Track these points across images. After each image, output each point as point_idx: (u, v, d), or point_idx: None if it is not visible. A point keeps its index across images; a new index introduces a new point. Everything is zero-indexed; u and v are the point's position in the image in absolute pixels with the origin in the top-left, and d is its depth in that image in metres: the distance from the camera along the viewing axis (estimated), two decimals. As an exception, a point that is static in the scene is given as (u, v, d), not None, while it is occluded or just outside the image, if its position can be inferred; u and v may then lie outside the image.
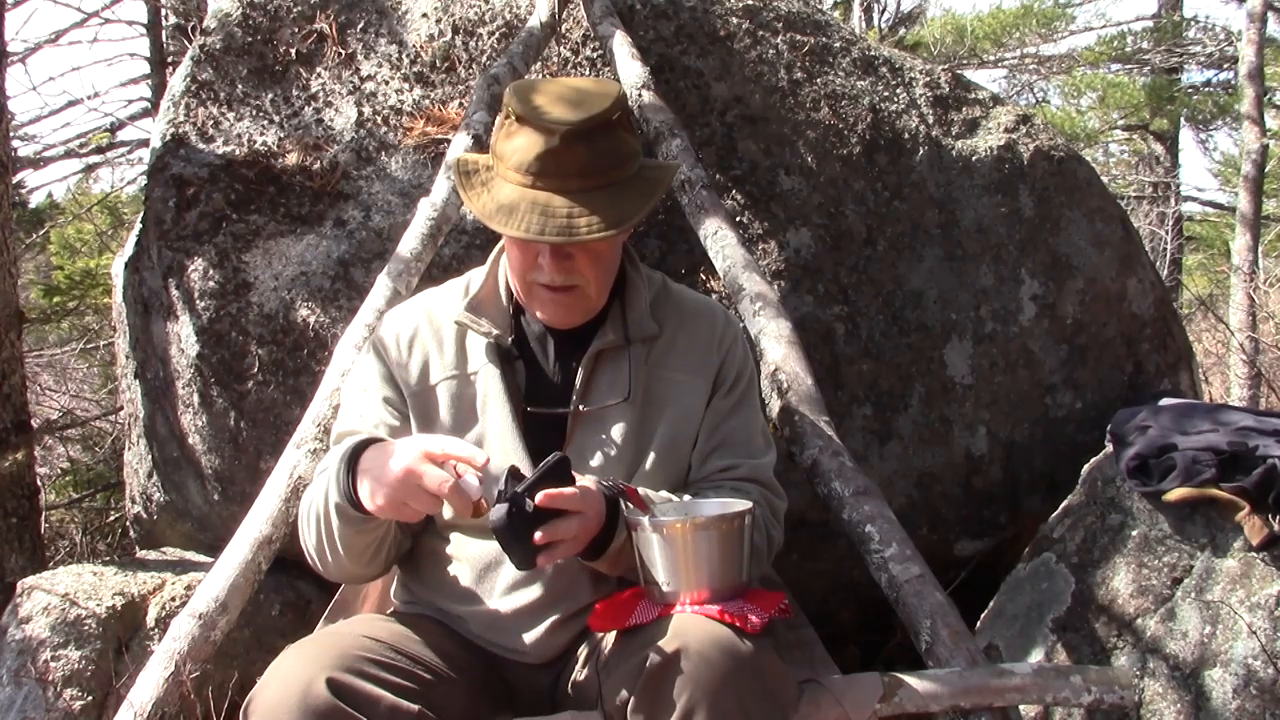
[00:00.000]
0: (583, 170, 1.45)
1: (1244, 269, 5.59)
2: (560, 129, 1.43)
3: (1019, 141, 2.94)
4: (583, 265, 1.51)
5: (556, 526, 1.33)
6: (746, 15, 2.96)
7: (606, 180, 1.46)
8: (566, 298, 1.54)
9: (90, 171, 8.28)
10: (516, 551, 1.33)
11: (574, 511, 1.34)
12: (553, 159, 1.44)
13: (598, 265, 1.52)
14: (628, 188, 1.48)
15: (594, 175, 1.45)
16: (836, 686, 1.52)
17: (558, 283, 1.51)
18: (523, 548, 1.32)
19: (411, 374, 1.59)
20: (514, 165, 1.46)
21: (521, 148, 1.45)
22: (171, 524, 2.86)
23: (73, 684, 2.27)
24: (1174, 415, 2.45)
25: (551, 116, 1.44)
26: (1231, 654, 2.12)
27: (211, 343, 2.51)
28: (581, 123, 1.43)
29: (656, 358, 1.61)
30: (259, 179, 2.62)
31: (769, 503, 1.61)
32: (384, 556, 1.56)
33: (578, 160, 1.44)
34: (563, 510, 1.33)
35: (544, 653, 1.54)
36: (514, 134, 1.47)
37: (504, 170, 1.48)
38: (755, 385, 1.72)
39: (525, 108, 1.46)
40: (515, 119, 1.47)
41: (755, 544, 1.47)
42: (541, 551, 1.33)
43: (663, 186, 1.53)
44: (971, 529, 2.79)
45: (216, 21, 2.83)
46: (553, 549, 1.34)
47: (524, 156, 1.45)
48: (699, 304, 1.70)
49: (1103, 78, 9.32)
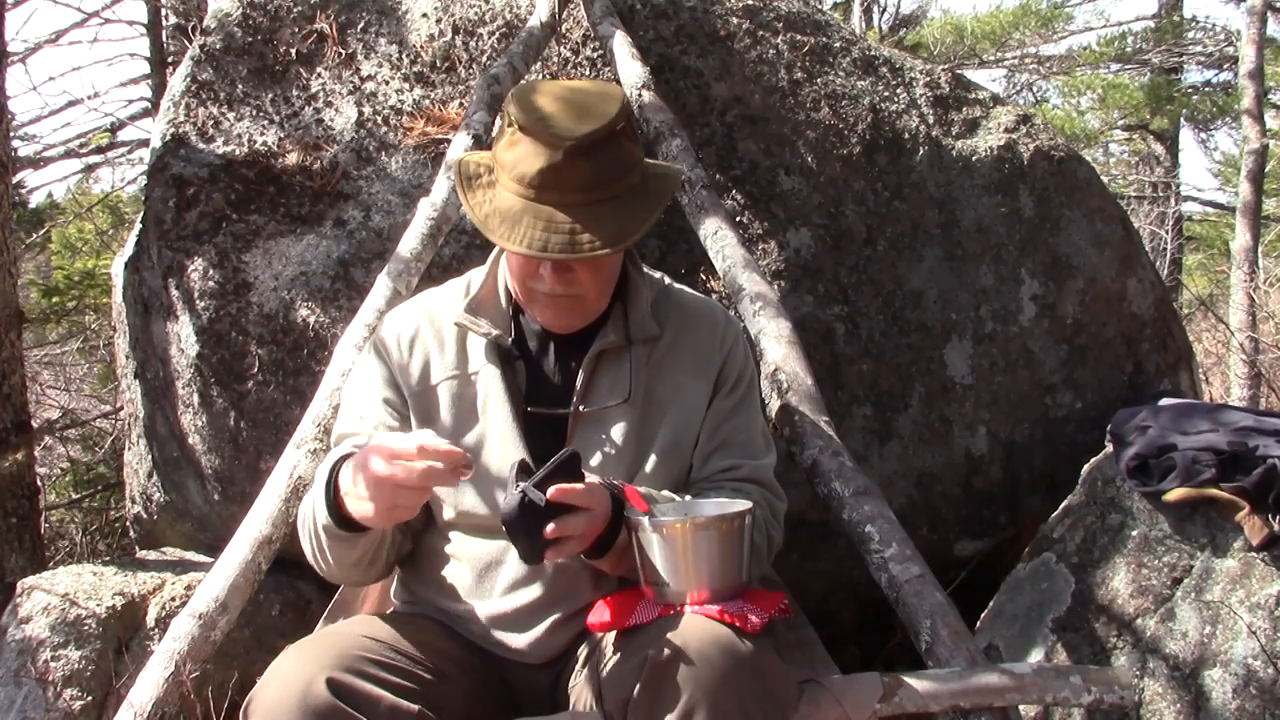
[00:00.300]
0: (585, 185, 1.43)
1: (1244, 269, 5.59)
2: (563, 144, 1.40)
3: (1019, 141, 2.94)
4: (584, 276, 1.50)
5: (567, 522, 1.32)
6: (746, 15, 2.96)
7: (609, 193, 1.45)
8: (567, 305, 1.53)
9: (90, 171, 8.28)
10: (525, 545, 1.31)
11: (583, 508, 1.34)
12: (555, 174, 1.42)
13: (599, 276, 1.52)
14: (631, 200, 1.47)
15: (596, 189, 1.43)
16: (836, 686, 1.52)
17: (559, 292, 1.50)
18: (531, 541, 1.30)
19: (412, 374, 1.59)
20: (515, 177, 1.44)
21: (523, 160, 1.43)
22: (171, 524, 2.86)
23: (73, 684, 2.27)
24: (1174, 415, 2.45)
25: (554, 130, 1.42)
26: (1231, 654, 2.12)
27: (211, 343, 2.51)
28: (584, 137, 1.41)
29: (658, 359, 1.61)
30: (259, 179, 2.62)
31: (769, 503, 1.61)
32: (383, 561, 1.56)
33: (580, 175, 1.42)
34: (572, 507, 1.33)
35: (544, 653, 1.54)
36: (516, 144, 1.45)
37: (505, 179, 1.46)
38: (756, 386, 1.71)
39: (527, 118, 1.44)
40: (518, 128, 1.45)
41: (755, 544, 1.47)
42: (550, 547, 1.32)
43: (664, 198, 1.51)
44: (971, 529, 2.79)
45: (216, 21, 2.83)
46: (561, 545, 1.33)
47: (526, 169, 1.43)
48: (700, 305, 1.69)
49: (1102, 78, 9.32)
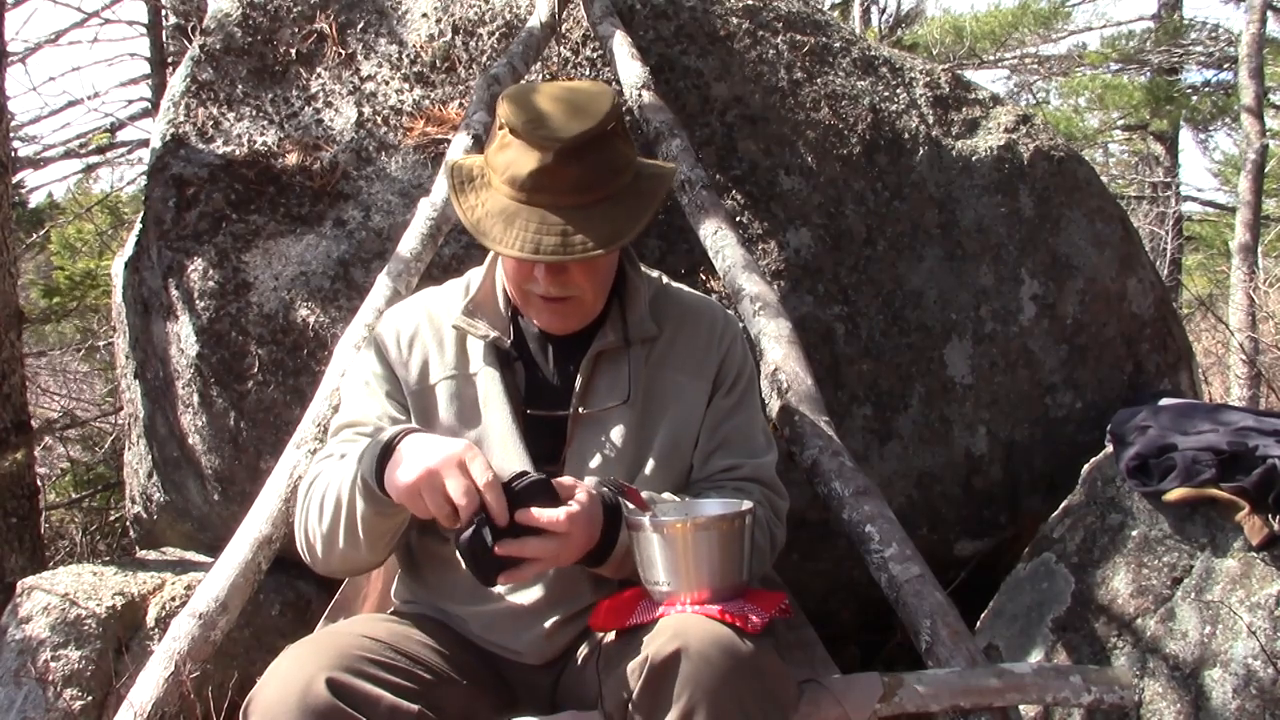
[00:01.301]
0: (576, 187, 1.42)
1: (1244, 269, 5.59)
2: (554, 146, 1.40)
3: (1019, 141, 2.94)
4: (578, 278, 1.49)
5: (524, 544, 1.31)
6: (746, 15, 2.96)
7: (602, 194, 1.44)
8: (563, 307, 1.53)
9: (90, 171, 8.27)
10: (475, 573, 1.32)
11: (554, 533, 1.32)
12: (546, 176, 1.41)
13: (594, 277, 1.51)
14: (623, 201, 1.46)
15: (588, 191, 1.43)
16: (836, 686, 1.52)
17: (553, 294, 1.50)
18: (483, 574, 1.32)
19: (411, 372, 1.59)
20: (507, 180, 1.44)
21: (514, 163, 1.43)
22: (171, 524, 2.86)
23: (73, 684, 2.27)
24: (1174, 415, 2.45)
25: (544, 132, 1.40)
26: (1231, 654, 2.12)
27: (211, 343, 2.51)
28: (575, 138, 1.40)
29: (656, 359, 1.60)
30: (259, 179, 2.62)
31: (771, 502, 1.61)
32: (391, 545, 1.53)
33: (571, 178, 1.41)
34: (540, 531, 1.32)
35: (544, 653, 1.54)
36: (507, 146, 1.45)
37: (497, 182, 1.46)
38: (755, 384, 1.71)
39: (518, 120, 1.43)
40: (509, 130, 1.44)
41: (757, 543, 1.47)
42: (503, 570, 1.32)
43: (658, 198, 1.49)
44: (971, 529, 2.79)
45: (216, 21, 2.83)
46: (517, 569, 1.33)
47: (517, 172, 1.42)
48: (698, 303, 1.69)
49: (1102, 78, 9.32)
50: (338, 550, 1.48)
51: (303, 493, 1.53)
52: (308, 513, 1.50)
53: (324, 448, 1.59)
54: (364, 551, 1.48)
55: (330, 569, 1.55)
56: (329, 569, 1.55)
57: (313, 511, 1.49)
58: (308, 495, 1.51)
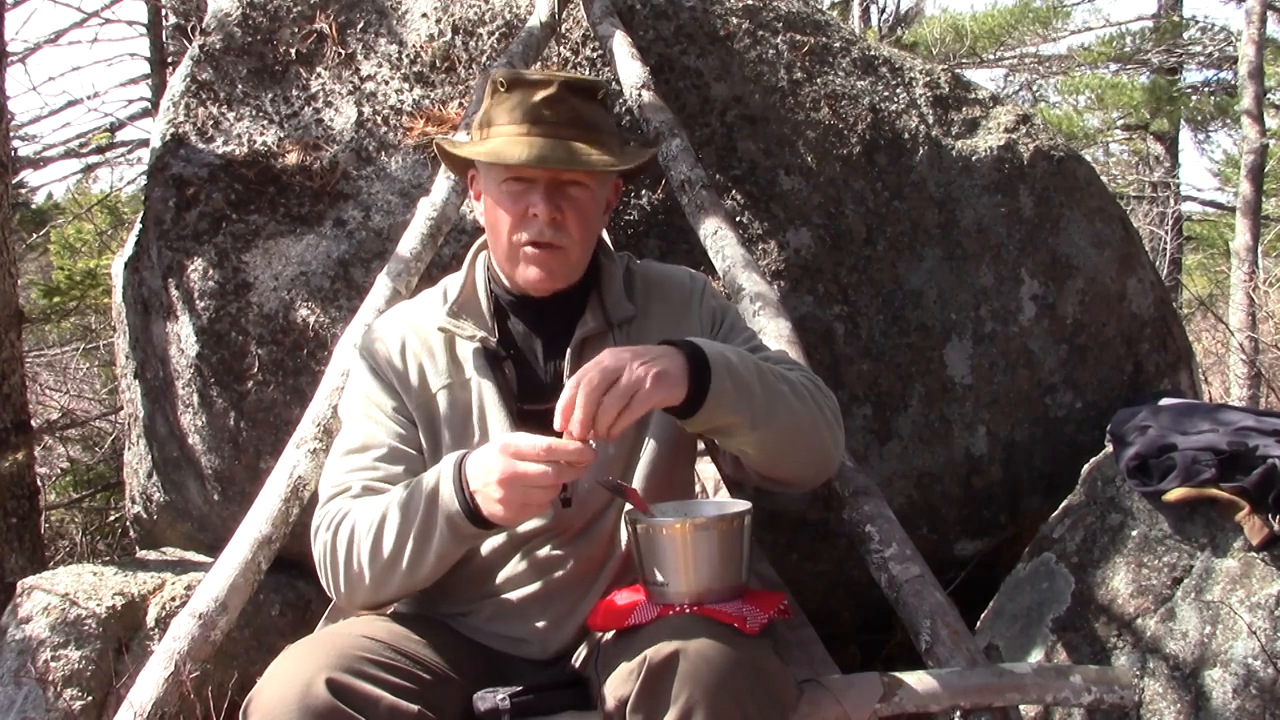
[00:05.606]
0: (578, 121, 1.51)
1: (1244, 269, 5.59)
2: (556, 79, 1.52)
3: (1019, 141, 2.94)
4: (570, 222, 1.53)
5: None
6: (746, 15, 2.96)
7: (600, 138, 1.53)
8: (550, 259, 1.54)
9: (90, 171, 8.26)
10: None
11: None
12: (551, 106, 1.50)
13: (583, 223, 1.55)
14: (617, 151, 1.56)
15: (588, 130, 1.52)
16: (836, 686, 1.52)
17: (546, 237, 1.52)
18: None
19: (411, 382, 1.59)
20: (511, 119, 1.52)
21: (519, 102, 1.52)
22: (171, 524, 2.86)
23: (73, 684, 2.27)
24: (1174, 415, 2.45)
25: (544, 75, 1.54)
26: (1231, 654, 2.12)
27: (211, 343, 2.51)
28: (575, 79, 1.53)
29: (638, 336, 1.61)
30: (259, 179, 2.62)
31: (810, 377, 1.56)
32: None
33: (574, 110, 1.51)
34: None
35: (545, 648, 1.55)
36: (505, 99, 1.54)
37: (498, 129, 1.53)
38: (741, 320, 1.74)
39: (514, 75, 1.55)
40: (505, 89, 1.54)
41: (818, 407, 1.48)
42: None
43: (649, 158, 1.63)
44: (971, 529, 2.79)
45: (216, 21, 2.83)
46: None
47: (522, 105, 1.51)
48: (665, 273, 1.72)
49: (1101, 78, 9.32)
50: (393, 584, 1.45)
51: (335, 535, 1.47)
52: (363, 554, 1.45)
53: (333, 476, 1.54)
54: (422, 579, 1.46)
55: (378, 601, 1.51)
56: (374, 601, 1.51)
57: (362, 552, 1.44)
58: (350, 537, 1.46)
